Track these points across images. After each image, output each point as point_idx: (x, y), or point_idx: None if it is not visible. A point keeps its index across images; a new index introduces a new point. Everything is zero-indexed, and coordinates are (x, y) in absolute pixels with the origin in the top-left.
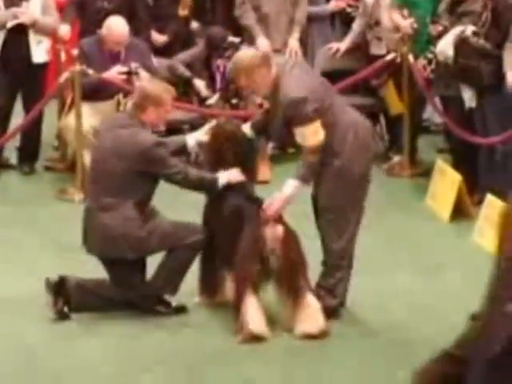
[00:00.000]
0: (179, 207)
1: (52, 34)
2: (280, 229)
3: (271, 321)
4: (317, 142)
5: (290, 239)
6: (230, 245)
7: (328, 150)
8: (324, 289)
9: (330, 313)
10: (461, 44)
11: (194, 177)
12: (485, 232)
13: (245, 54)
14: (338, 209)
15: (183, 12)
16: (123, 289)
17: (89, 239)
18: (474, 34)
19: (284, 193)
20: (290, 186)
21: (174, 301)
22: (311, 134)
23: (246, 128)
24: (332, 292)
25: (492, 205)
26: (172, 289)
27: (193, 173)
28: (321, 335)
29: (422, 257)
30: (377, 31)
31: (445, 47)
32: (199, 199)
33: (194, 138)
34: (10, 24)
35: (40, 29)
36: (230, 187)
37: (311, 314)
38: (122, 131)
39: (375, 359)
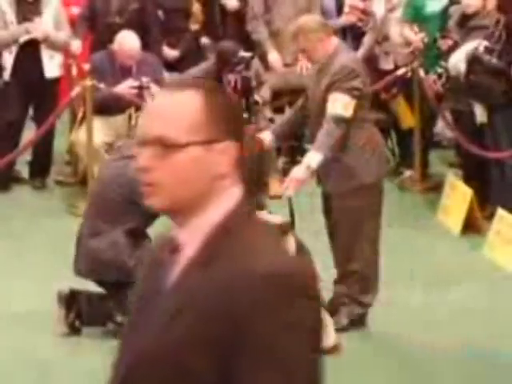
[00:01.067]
0: None
1: (64, 49)
2: (291, 243)
3: None
4: (343, 114)
5: (302, 254)
6: None
7: (341, 142)
8: (349, 297)
9: (356, 319)
10: (473, 61)
11: None
12: (496, 246)
13: (308, 17)
14: (354, 212)
15: (194, 26)
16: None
17: (79, 263)
18: (487, 50)
19: (304, 163)
20: (310, 157)
21: None
22: (342, 106)
23: (267, 135)
24: (357, 300)
25: (503, 219)
26: None
27: None
28: (332, 350)
29: (434, 271)
30: (385, 46)
31: (457, 62)
32: None
33: None
34: (22, 39)
35: (52, 44)
36: None
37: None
38: (125, 160)
39: (388, 375)
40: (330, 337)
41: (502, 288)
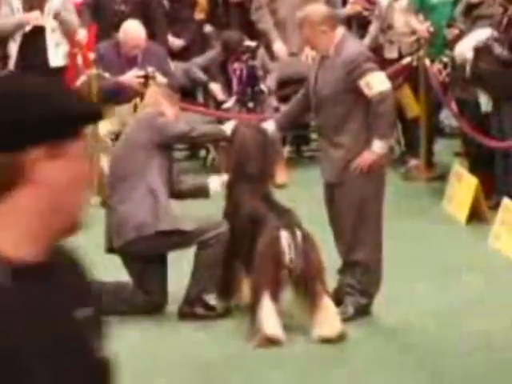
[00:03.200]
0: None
1: (72, 33)
2: (298, 234)
3: (287, 326)
4: (384, 88)
5: (308, 244)
6: (247, 249)
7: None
8: (353, 288)
9: (361, 309)
10: (482, 51)
11: (202, 129)
12: (501, 236)
13: (314, 7)
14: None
15: (199, 15)
16: (145, 289)
17: (115, 235)
18: (498, 40)
19: (375, 151)
20: (379, 146)
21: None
22: (378, 82)
23: (270, 124)
24: (361, 290)
25: (508, 208)
26: (209, 288)
27: (200, 127)
28: (337, 339)
29: (439, 260)
30: (389, 35)
31: (463, 51)
32: (218, 206)
33: (218, 183)
34: (27, 28)
35: (63, 22)
36: (247, 192)
37: (328, 318)
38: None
39: (391, 364)
40: (335, 326)
41: (508, 277)
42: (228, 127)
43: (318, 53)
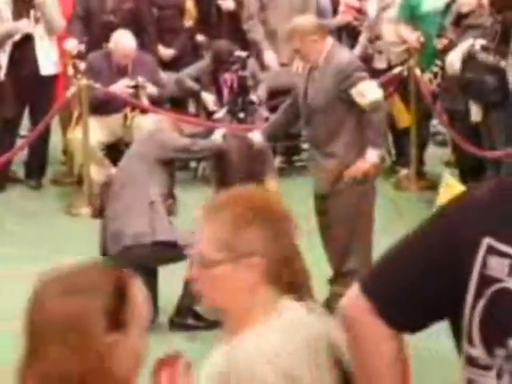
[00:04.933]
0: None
1: (57, 30)
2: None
3: None
4: (377, 97)
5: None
6: None
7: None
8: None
9: None
10: (468, 58)
11: (203, 143)
12: None
13: (303, 18)
14: (352, 206)
15: (188, 23)
16: None
17: (107, 244)
18: (484, 48)
19: (369, 160)
20: (373, 155)
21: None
22: (370, 91)
23: (256, 135)
24: None
25: None
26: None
27: (201, 142)
28: None
29: None
30: (377, 45)
31: (453, 60)
32: None
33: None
34: (17, 36)
35: (47, 20)
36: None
37: None
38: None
39: None
40: None
41: None
42: (217, 136)
43: (308, 63)
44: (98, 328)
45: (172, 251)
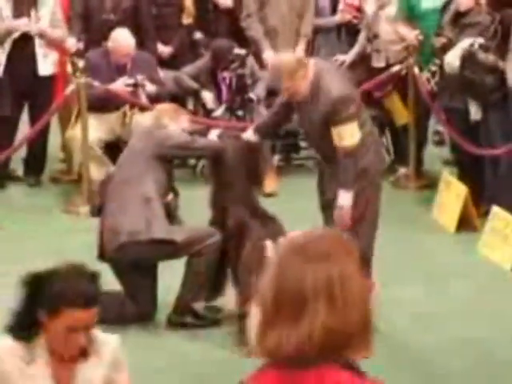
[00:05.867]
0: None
1: (60, 46)
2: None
3: None
4: (353, 143)
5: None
6: (233, 258)
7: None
8: None
9: None
10: (467, 57)
11: (203, 142)
12: (490, 244)
13: (284, 57)
14: (361, 209)
15: (187, 20)
16: (134, 300)
17: (107, 243)
18: (483, 47)
19: (344, 205)
20: (344, 198)
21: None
22: (349, 135)
23: (249, 134)
24: None
25: (498, 217)
26: (199, 297)
27: (201, 140)
28: None
29: (428, 268)
30: (375, 44)
31: (452, 59)
32: (204, 215)
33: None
34: (16, 34)
35: (47, 40)
36: (229, 201)
37: None
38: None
39: (377, 368)
40: None
41: (497, 286)
42: (213, 135)
43: (298, 99)
44: (359, 286)
45: (169, 248)
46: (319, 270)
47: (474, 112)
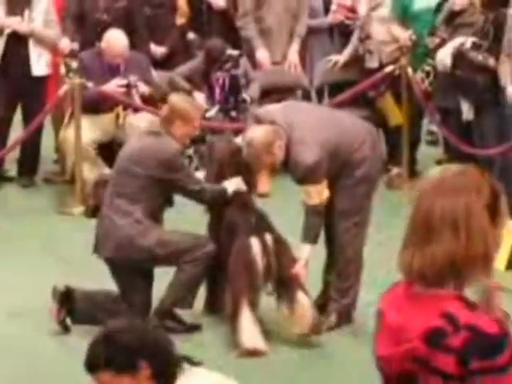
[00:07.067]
0: (182, 225)
1: (52, 48)
2: (268, 238)
3: (270, 334)
4: (320, 201)
5: (280, 246)
6: (226, 260)
7: (349, 165)
8: (338, 292)
9: (344, 314)
10: (458, 56)
11: (209, 188)
12: None
13: (259, 132)
14: (361, 210)
15: (180, 20)
16: (129, 302)
17: (102, 243)
18: (474, 46)
19: (303, 259)
20: (306, 251)
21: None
22: (317, 193)
23: (241, 139)
24: (345, 294)
25: None
26: (185, 303)
27: (207, 185)
28: (312, 331)
29: None
30: (367, 44)
31: (443, 57)
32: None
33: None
34: (6, 31)
35: (39, 40)
36: (228, 202)
37: (304, 314)
38: (148, 138)
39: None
40: (308, 321)
41: None
42: (230, 188)
43: (278, 168)
44: (483, 220)
45: (162, 256)
46: (446, 203)
47: (466, 112)
